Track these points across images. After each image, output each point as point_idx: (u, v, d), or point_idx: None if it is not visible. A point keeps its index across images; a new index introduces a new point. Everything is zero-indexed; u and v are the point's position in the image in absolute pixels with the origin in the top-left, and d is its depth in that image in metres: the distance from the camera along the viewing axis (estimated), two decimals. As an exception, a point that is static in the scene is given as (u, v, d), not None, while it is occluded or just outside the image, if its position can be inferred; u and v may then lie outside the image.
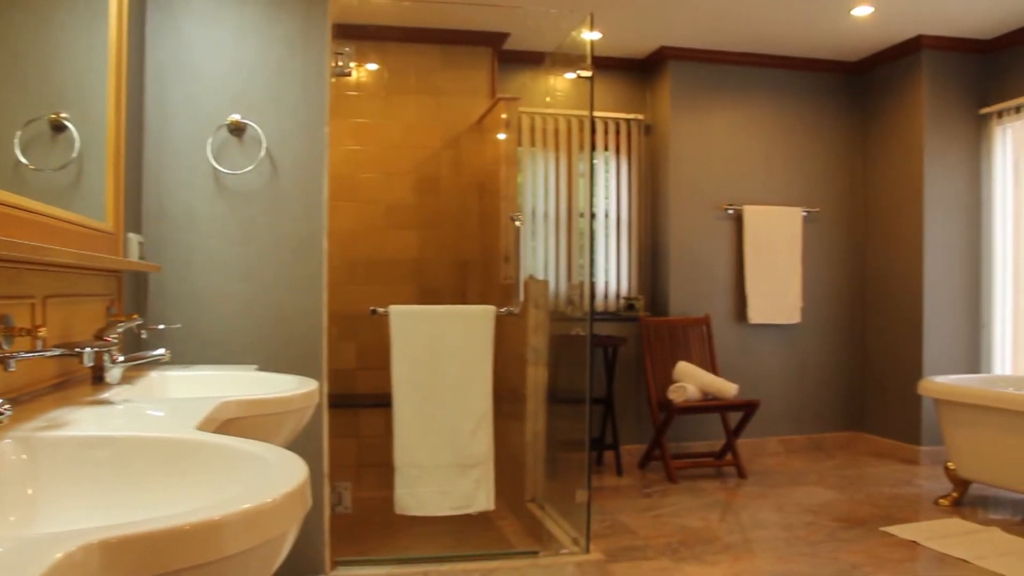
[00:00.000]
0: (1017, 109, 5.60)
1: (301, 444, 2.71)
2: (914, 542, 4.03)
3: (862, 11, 5.17)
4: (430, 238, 5.23)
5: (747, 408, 5.36)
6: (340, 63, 3.64)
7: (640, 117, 6.11)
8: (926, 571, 3.68)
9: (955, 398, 4.70)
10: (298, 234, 3.27)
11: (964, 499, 4.75)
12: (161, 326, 2.89)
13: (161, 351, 2.09)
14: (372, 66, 5.24)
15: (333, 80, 3.45)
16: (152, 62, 3.16)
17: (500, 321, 3.87)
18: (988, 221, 5.83)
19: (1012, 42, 5.62)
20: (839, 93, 6.35)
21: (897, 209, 6.01)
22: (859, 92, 6.38)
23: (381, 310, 3.76)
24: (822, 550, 3.91)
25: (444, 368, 3.76)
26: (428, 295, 5.16)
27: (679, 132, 5.95)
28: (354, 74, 5.06)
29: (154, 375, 2.38)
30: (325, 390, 3.22)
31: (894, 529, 4.22)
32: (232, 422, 1.71)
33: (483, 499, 3.78)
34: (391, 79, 5.26)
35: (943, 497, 4.77)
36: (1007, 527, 4.29)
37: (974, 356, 5.88)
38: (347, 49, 3.68)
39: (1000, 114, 5.73)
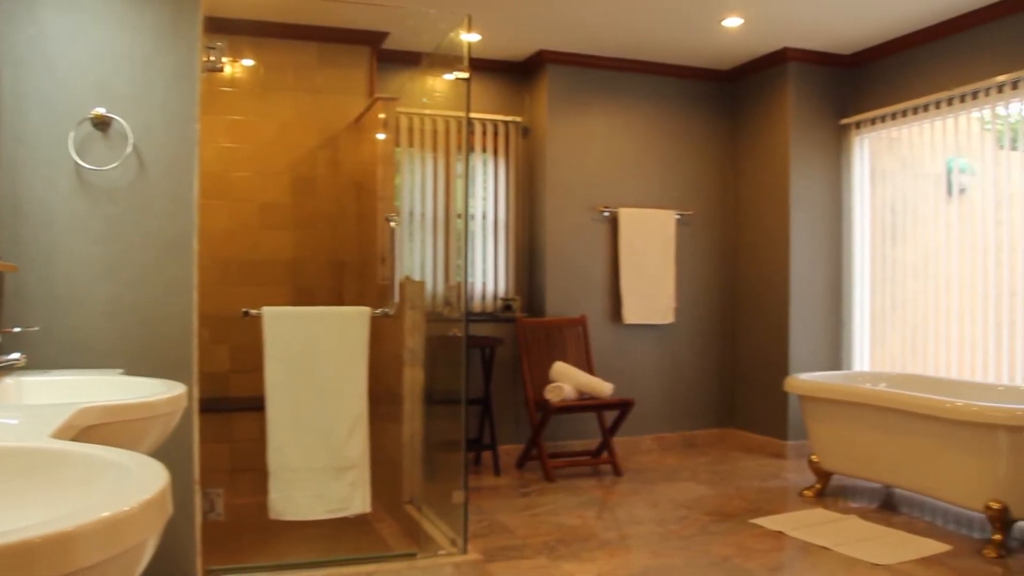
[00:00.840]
0: (873, 121, 5.90)
1: (170, 450, 2.61)
2: (781, 532, 4.19)
3: (732, 22, 5.35)
4: (306, 238, 5.14)
5: (622, 407, 5.47)
6: (212, 57, 3.54)
7: (518, 119, 6.16)
8: (791, 560, 3.83)
9: (817, 394, 4.92)
10: (167, 233, 3.15)
11: (827, 490, 4.97)
12: (17, 328, 2.74)
13: (16, 355, 1.98)
14: (247, 62, 5.11)
15: (205, 75, 3.35)
16: (6, 51, 2.99)
17: (376, 322, 3.84)
18: (848, 225, 6.13)
19: (869, 58, 5.93)
20: (711, 100, 6.56)
21: (765, 213, 6.24)
22: (730, 100, 6.60)
23: (254, 311, 3.68)
24: (695, 543, 4.02)
25: (318, 370, 3.70)
26: (303, 296, 5.07)
27: (556, 135, 6.03)
28: (228, 69, 4.93)
29: (8, 381, 2.26)
30: (195, 394, 3.12)
31: (762, 521, 4.38)
32: (93, 429, 1.63)
33: (359, 502, 3.74)
34: (267, 76, 5.14)
35: (807, 489, 4.98)
36: (865, 514, 4.51)
37: (836, 354, 6.16)
38: (220, 44, 3.58)
39: (858, 125, 6.03)
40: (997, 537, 3.89)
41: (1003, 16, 4.98)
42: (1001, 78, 4.93)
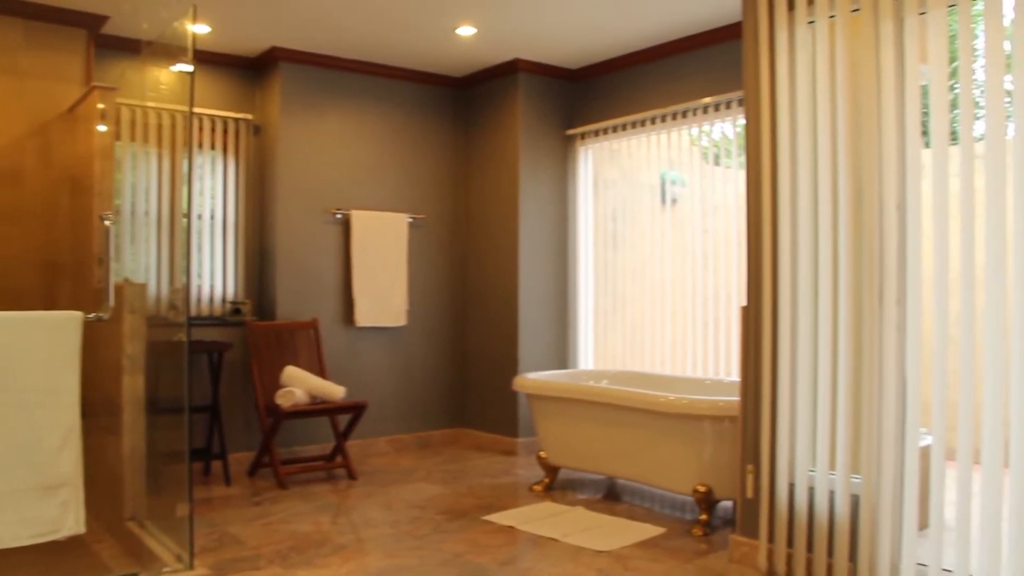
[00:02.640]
0: (596, 133, 6.26)
1: None
2: (511, 527, 4.32)
3: (466, 31, 5.47)
4: (10, 236, 4.68)
5: (355, 410, 5.43)
6: None
7: (249, 117, 5.96)
8: (521, 552, 3.96)
9: (543, 392, 5.13)
10: None
11: (555, 484, 5.19)
12: None
13: None
14: (-63, 36, 4.58)
15: None
16: None
17: (93, 328, 3.55)
18: (573, 231, 6.45)
19: (593, 74, 6.28)
20: (446, 106, 6.67)
21: (495, 218, 6.43)
22: (464, 106, 6.74)
23: (-55, 316, 3.29)
24: (428, 542, 4.06)
25: (23, 380, 3.36)
26: (8, 300, 4.60)
27: (289, 135, 5.88)
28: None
29: None
30: None
31: (494, 517, 4.51)
32: None
33: (72, 522, 3.44)
34: (-39, 53, 4.64)
35: (537, 484, 5.18)
36: (590, 505, 4.76)
37: (563, 353, 6.46)
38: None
39: (583, 136, 6.37)
40: (704, 517, 4.26)
41: (710, 44, 5.45)
42: (707, 100, 5.39)
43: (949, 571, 3.08)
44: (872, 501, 3.27)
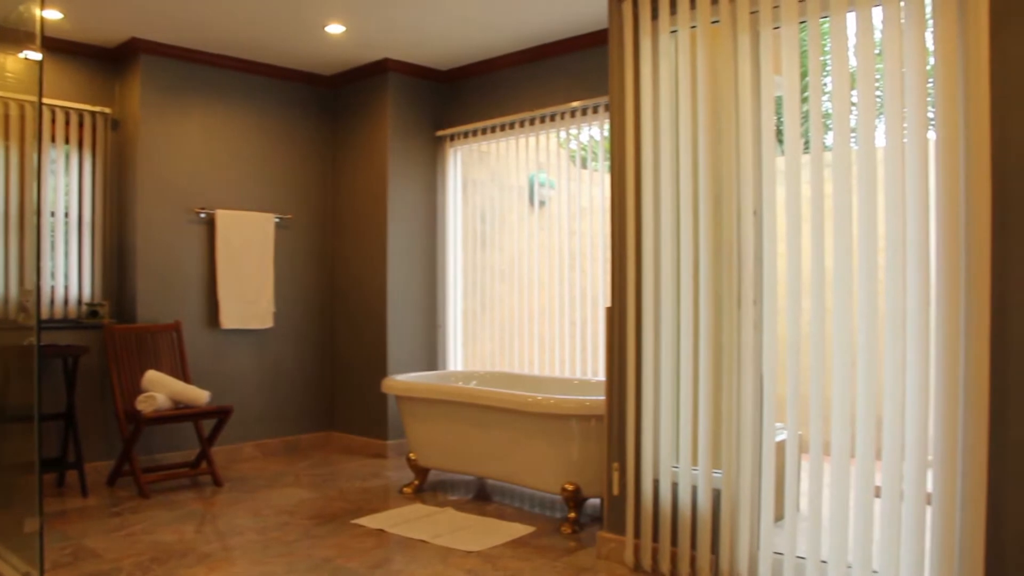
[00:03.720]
0: (465, 134, 6.28)
1: None
2: (381, 530, 4.30)
3: (335, 29, 5.40)
4: None
5: (220, 414, 5.29)
6: None
7: (107, 111, 5.71)
8: (391, 555, 3.94)
9: (412, 394, 5.12)
10: None
11: (425, 485, 5.19)
12: None
13: None
14: None
15: None
16: None
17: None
18: (442, 231, 6.45)
19: (463, 75, 6.30)
20: (314, 104, 6.56)
21: (364, 218, 6.37)
22: (333, 106, 6.65)
23: None
24: (297, 548, 4.00)
25: None
26: None
27: (150, 130, 5.67)
28: None
29: None
30: None
31: (364, 520, 4.47)
32: None
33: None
34: None
35: (407, 486, 5.16)
36: (460, 506, 4.77)
37: (433, 354, 6.45)
38: None
39: (452, 137, 6.39)
40: (572, 515, 4.34)
41: (579, 50, 5.55)
42: (575, 104, 5.49)
43: (803, 558, 3.24)
44: (732, 494, 3.40)
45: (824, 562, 3.17)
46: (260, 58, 6.06)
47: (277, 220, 6.27)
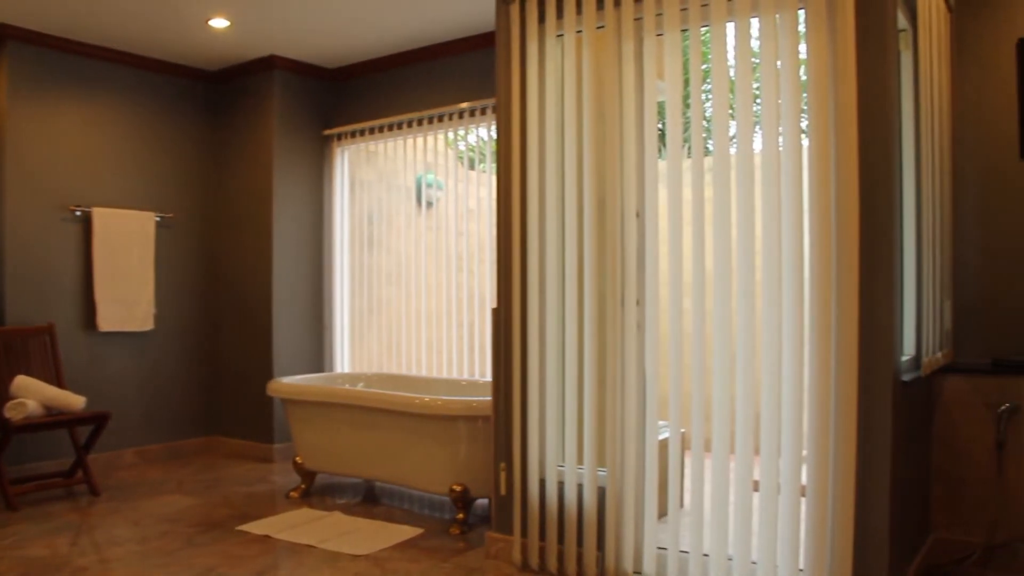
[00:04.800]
0: (353, 134, 6.22)
1: None
2: (267, 536, 4.22)
3: (219, 23, 5.27)
4: None
5: (97, 420, 5.09)
6: None
7: (-28, 103, 5.44)
8: (277, 562, 3.87)
9: (298, 396, 5.04)
10: None
11: (312, 489, 5.11)
12: None
13: None
14: None
15: None
16: None
17: None
18: (329, 232, 6.37)
19: (351, 74, 6.24)
20: (198, 101, 6.39)
21: (249, 218, 6.23)
22: (217, 102, 6.48)
23: None
24: (178, 558, 3.88)
25: None
26: None
27: (18, 123, 5.40)
28: None
29: None
30: None
31: (249, 526, 4.37)
32: None
33: None
34: None
35: (293, 490, 5.08)
36: (348, 509, 4.73)
37: (319, 356, 6.37)
38: None
39: (340, 137, 6.31)
40: (460, 516, 4.35)
41: (468, 51, 5.57)
42: (464, 105, 5.50)
43: (686, 552, 3.32)
44: (617, 492, 3.46)
45: (706, 555, 3.26)
46: (141, 51, 5.86)
47: (158, 219, 6.07)
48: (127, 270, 5.84)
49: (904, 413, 3.20)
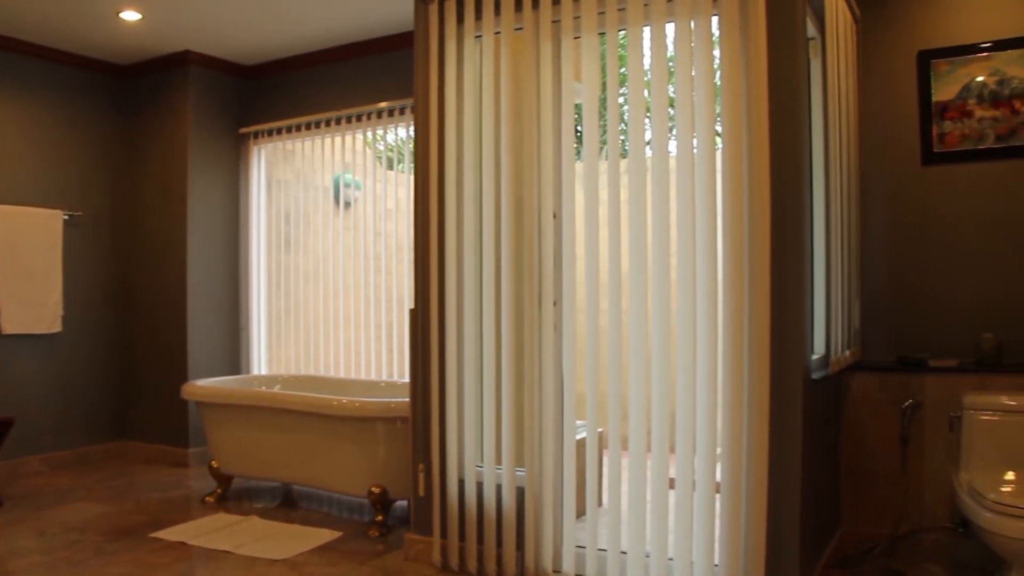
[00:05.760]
0: (270, 132, 6.12)
1: None
2: (182, 543, 4.12)
3: (130, 16, 5.12)
4: None
5: (0, 427, 4.92)
6: None
7: None
8: (192, 568, 3.79)
9: (214, 399, 4.95)
10: None
11: (228, 494, 5.02)
12: None
13: None
14: None
15: None
16: None
17: None
18: (245, 232, 6.26)
19: (268, 72, 6.14)
20: (109, 96, 6.20)
21: (163, 217, 6.09)
22: (129, 97, 6.31)
23: None
24: (88, 568, 3.77)
25: None
26: None
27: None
28: None
29: None
30: None
31: (163, 533, 4.27)
32: None
33: None
34: None
35: (209, 495, 4.98)
36: (265, 514, 4.65)
37: (236, 358, 6.25)
38: None
39: (256, 135, 6.21)
40: (380, 518, 4.32)
41: (387, 51, 5.53)
42: (382, 105, 5.47)
43: (604, 550, 3.36)
44: (536, 491, 3.48)
45: (624, 553, 3.30)
46: (48, 42, 5.65)
47: (66, 217, 5.88)
48: (32, 270, 5.65)
49: (814, 411, 3.29)
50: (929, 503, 3.78)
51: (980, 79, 3.79)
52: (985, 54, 3.79)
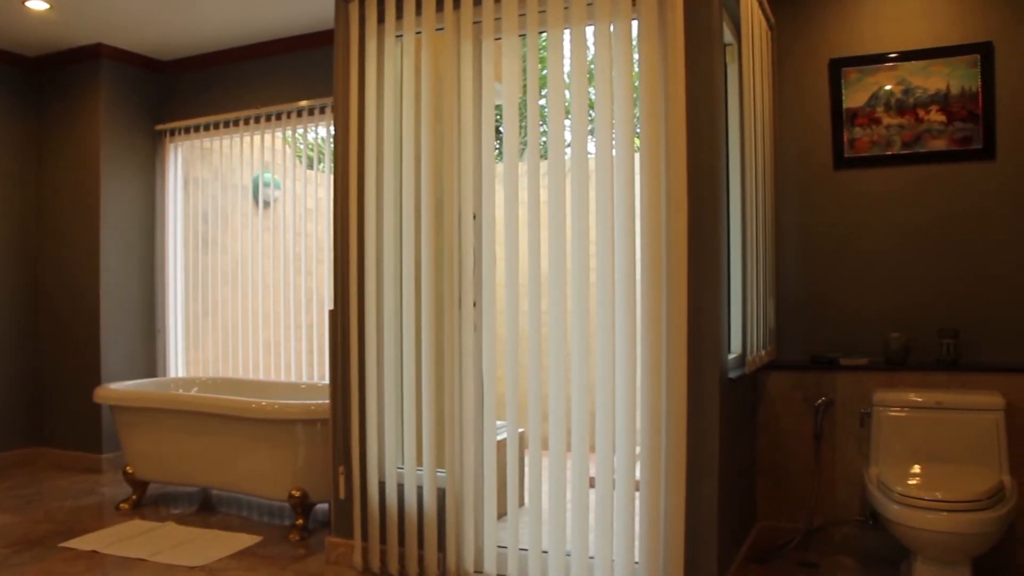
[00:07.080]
0: (187, 130, 5.99)
1: None
2: (95, 551, 4.01)
3: (37, 5, 4.95)
4: None
5: (-97, 434, 4.73)
6: None
7: None
8: (105, 578, 3.70)
9: (128, 403, 4.83)
10: None
11: (144, 500, 4.90)
12: None
13: None
14: None
15: None
16: None
17: None
18: (161, 231, 6.12)
19: (185, 68, 6.01)
20: (14, 89, 5.99)
21: (73, 217, 5.91)
22: (36, 91, 6.10)
23: None
24: (-7, 579, 3.65)
25: None
26: None
27: None
28: None
29: None
30: None
31: (74, 542, 4.15)
32: None
33: None
34: None
35: (124, 501, 4.85)
36: (182, 519, 4.56)
37: (152, 361, 6.10)
38: None
39: (173, 133, 6.07)
40: (300, 522, 4.27)
41: (308, 48, 5.47)
42: (303, 103, 5.40)
43: (525, 550, 3.37)
44: (456, 493, 3.48)
45: (545, 552, 3.31)
46: (-53, 35, 5.46)
47: (-29, 217, 5.68)
48: (-64, 271, 5.44)
49: (731, 409, 3.35)
50: (841, 497, 3.89)
51: (888, 87, 3.92)
52: (892, 64, 3.91)
